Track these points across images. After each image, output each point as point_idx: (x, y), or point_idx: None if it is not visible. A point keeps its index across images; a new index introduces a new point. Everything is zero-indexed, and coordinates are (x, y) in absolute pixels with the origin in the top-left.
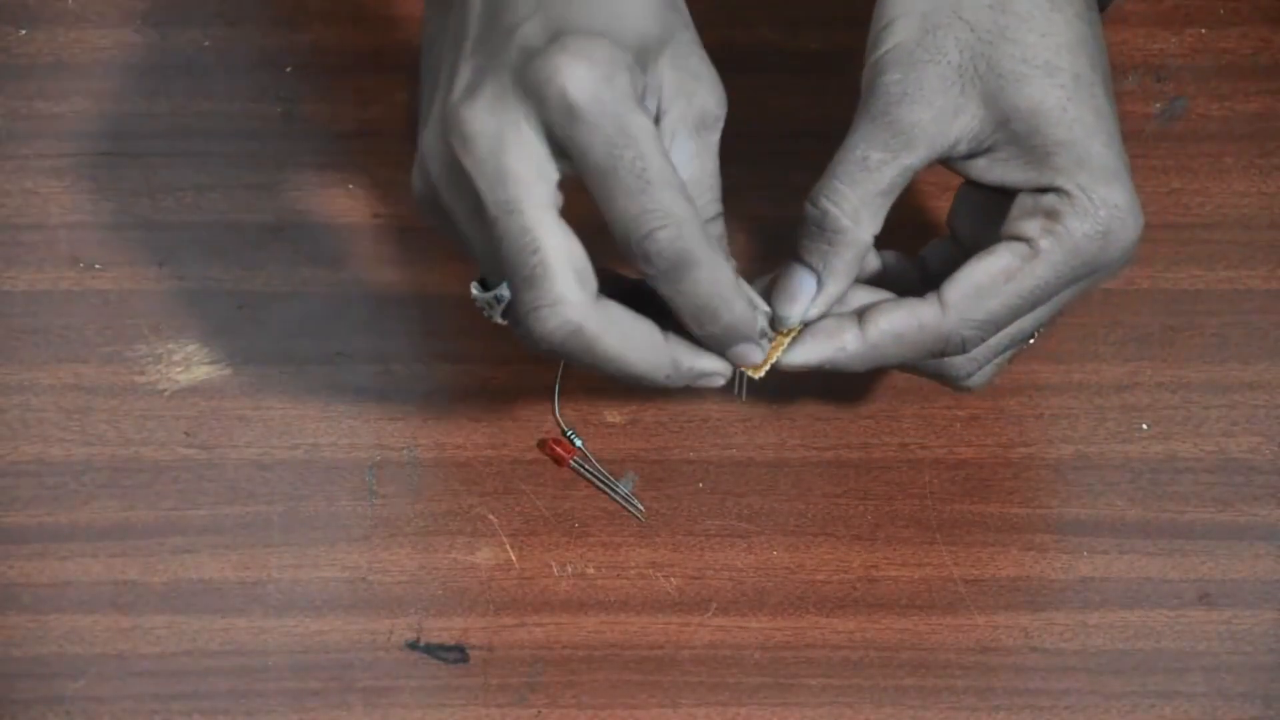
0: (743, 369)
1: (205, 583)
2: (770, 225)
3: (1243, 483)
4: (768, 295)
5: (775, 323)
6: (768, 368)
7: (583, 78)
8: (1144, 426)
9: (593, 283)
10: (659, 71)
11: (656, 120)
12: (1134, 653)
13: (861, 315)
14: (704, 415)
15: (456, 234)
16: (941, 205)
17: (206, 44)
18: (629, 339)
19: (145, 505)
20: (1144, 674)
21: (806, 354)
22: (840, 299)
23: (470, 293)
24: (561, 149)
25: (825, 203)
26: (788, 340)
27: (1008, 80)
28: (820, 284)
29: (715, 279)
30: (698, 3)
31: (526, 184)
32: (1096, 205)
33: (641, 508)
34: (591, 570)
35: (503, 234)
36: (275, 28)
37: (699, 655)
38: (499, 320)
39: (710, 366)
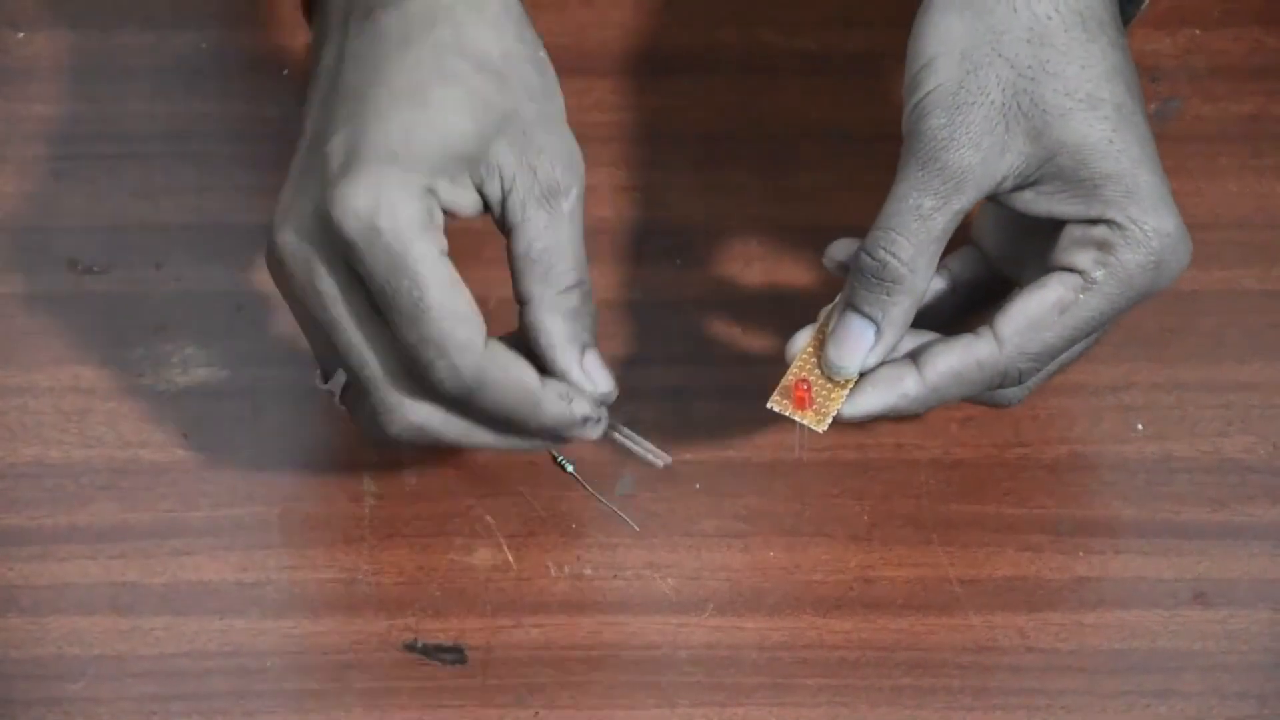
0: (803, 421)
1: (204, 584)
2: (770, 225)
3: (1238, 483)
4: (820, 342)
5: (831, 372)
6: (830, 421)
7: (359, 212)
8: (1139, 427)
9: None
10: (495, 155)
11: (504, 198)
12: (1130, 652)
13: (916, 358)
14: (701, 416)
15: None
16: None
17: (204, 46)
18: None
19: (144, 507)
20: (1140, 673)
21: (868, 404)
22: (895, 346)
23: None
24: None
25: (883, 253)
26: (846, 391)
27: (1052, 115)
28: (878, 333)
29: (507, 395)
30: (698, 3)
31: (337, 308)
32: (1149, 235)
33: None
34: (589, 571)
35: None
36: (273, 30)
37: (696, 656)
38: (339, 405)
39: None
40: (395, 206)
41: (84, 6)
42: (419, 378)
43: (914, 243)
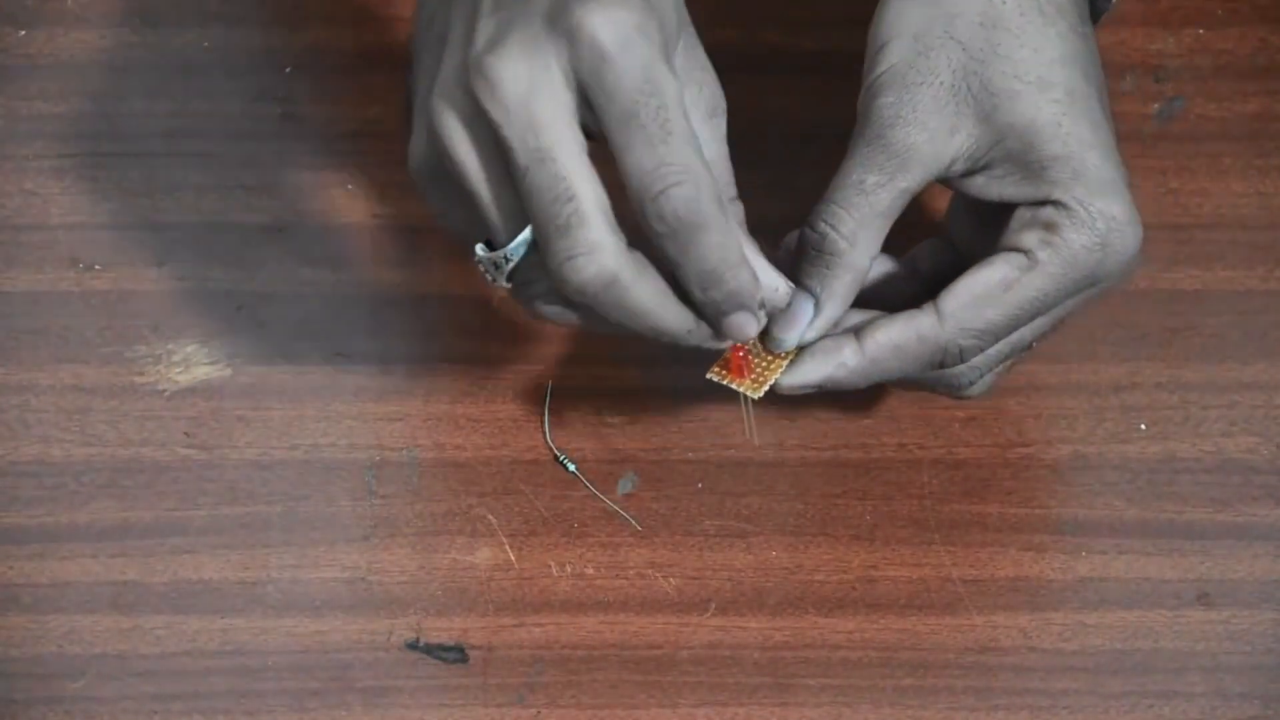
0: (739, 389)
1: (205, 583)
2: (771, 225)
3: (1241, 483)
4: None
5: (771, 344)
6: (766, 389)
7: (616, 22)
8: (1142, 427)
9: (621, 232)
10: (674, 59)
11: None
12: (1132, 653)
13: (858, 332)
14: (703, 415)
15: (460, 198)
16: (928, 201)
17: (206, 44)
18: (660, 290)
19: (145, 506)
20: (1142, 674)
21: (805, 374)
22: (837, 322)
23: (475, 253)
24: (586, 97)
25: (824, 226)
26: (785, 363)
27: (1001, 98)
28: (818, 307)
29: (724, 244)
30: (698, 3)
31: (558, 130)
32: (1094, 217)
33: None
34: (590, 570)
35: (534, 183)
36: (275, 28)
37: (698, 655)
38: (503, 284)
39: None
40: (647, 27)
41: (85, 5)
42: (647, 206)
43: (855, 217)
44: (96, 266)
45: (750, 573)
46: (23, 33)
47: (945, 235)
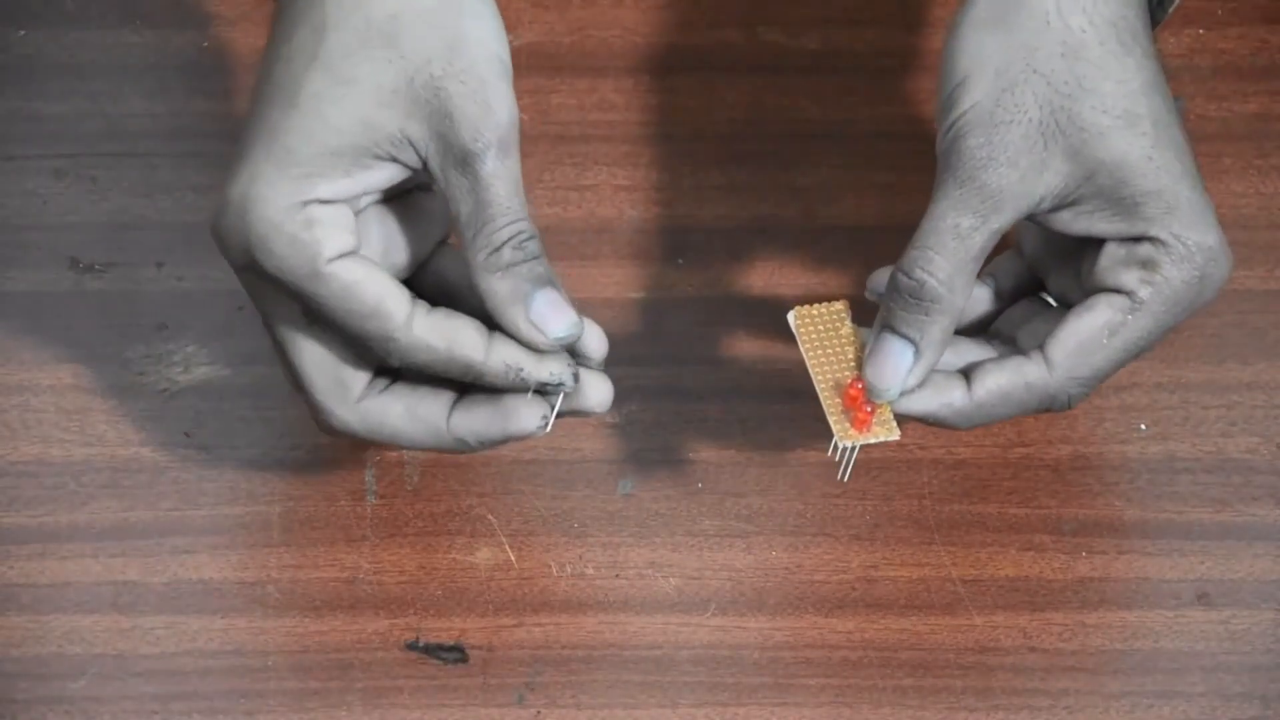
0: (879, 439)
1: (205, 583)
2: (772, 224)
3: (1241, 483)
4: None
5: (872, 395)
6: (896, 424)
7: (236, 244)
8: (1142, 427)
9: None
10: (397, 129)
11: (424, 164)
12: (1132, 653)
13: (968, 374)
14: (703, 415)
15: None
16: None
17: (206, 44)
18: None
19: (145, 505)
20: (1142, 674)
21: (913, 404)
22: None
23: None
24: None
25: (920, 273)
26: (889, 409)
27: (1090, 134)
28: (918, 354)
29: (439, 359)
30: (700, 3)
31: (272, 303)
32: (1192, 251)
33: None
34: (590, 570)
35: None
36: None
37: (698, 655)
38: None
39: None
40: (268, 237)
41: (85, 5)
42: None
43: (952, 262)
44: (96, 267)
45: (750, 573)
46: (23, 33)
47: (1016, 248)
